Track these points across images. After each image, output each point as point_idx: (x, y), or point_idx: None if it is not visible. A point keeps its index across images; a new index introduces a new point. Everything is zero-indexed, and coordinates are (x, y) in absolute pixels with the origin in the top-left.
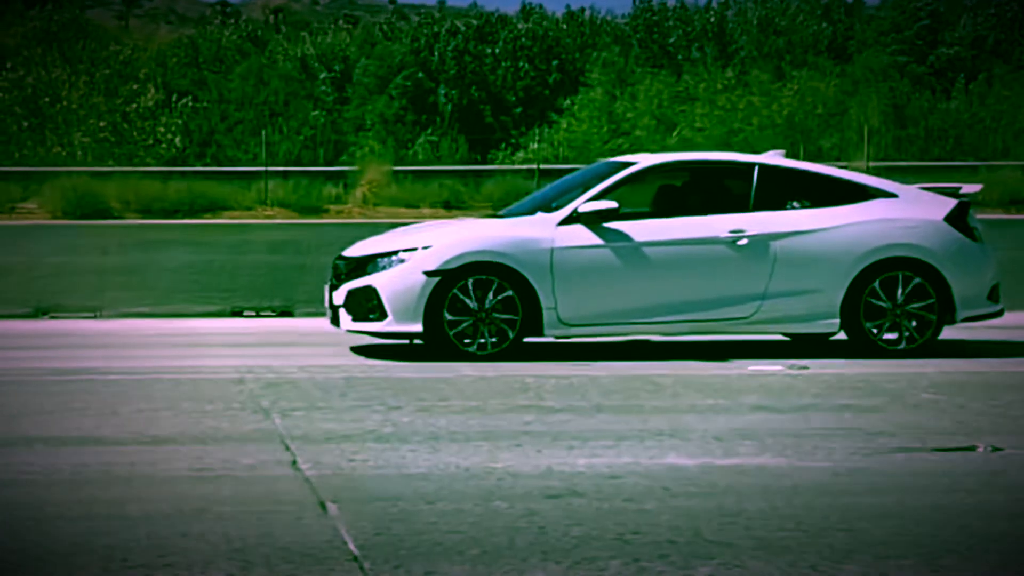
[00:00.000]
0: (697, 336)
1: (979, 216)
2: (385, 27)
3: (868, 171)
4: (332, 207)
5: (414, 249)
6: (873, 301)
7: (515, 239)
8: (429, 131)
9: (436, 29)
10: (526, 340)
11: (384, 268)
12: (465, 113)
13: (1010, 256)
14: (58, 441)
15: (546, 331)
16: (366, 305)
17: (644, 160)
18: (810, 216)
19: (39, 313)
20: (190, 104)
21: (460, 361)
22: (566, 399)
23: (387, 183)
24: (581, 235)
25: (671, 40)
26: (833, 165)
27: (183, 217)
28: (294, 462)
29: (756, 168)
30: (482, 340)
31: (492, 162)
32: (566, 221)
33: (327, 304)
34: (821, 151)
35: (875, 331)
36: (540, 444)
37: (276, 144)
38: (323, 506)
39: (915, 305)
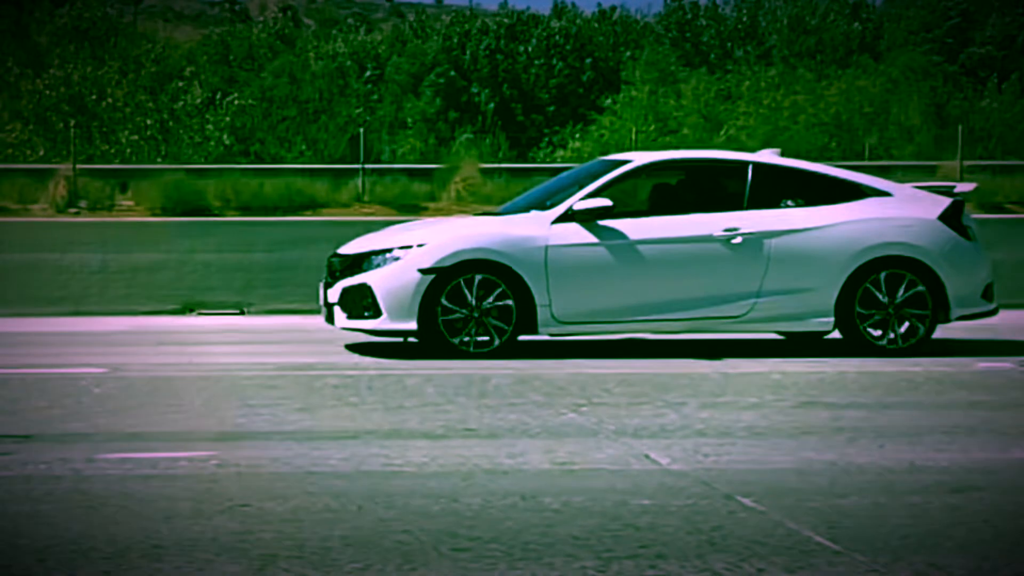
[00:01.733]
0: (691, 335)
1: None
2: (415, 25)
3: (962, 171)
4: (429, 204)
5: (409, 247)
6: (867, 300)
7: (509, 237)
8: (467, 129)
9: (468, 28)
10: (520, 338)
11: (379, 266)
12: (497, 111)
13: None
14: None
15: (540, 329)
16: (361, 303)
17: (639, 158)
18: (804, 215)
19: (187, 310)
20: (236, 102)
21: (454, 359)
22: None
23: (481, 181)
24: (575, 233)
25: (704, 39)
26: (924, 161)
27: (283, 214)
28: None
29: (750, 166)
30: (476, 338)
31: (533, 160)
32: (561, 219)
33: (322, 302)
34: (866, 149)
35: (869, 329)
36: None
37: (323, 142)
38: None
39: (909, 304)
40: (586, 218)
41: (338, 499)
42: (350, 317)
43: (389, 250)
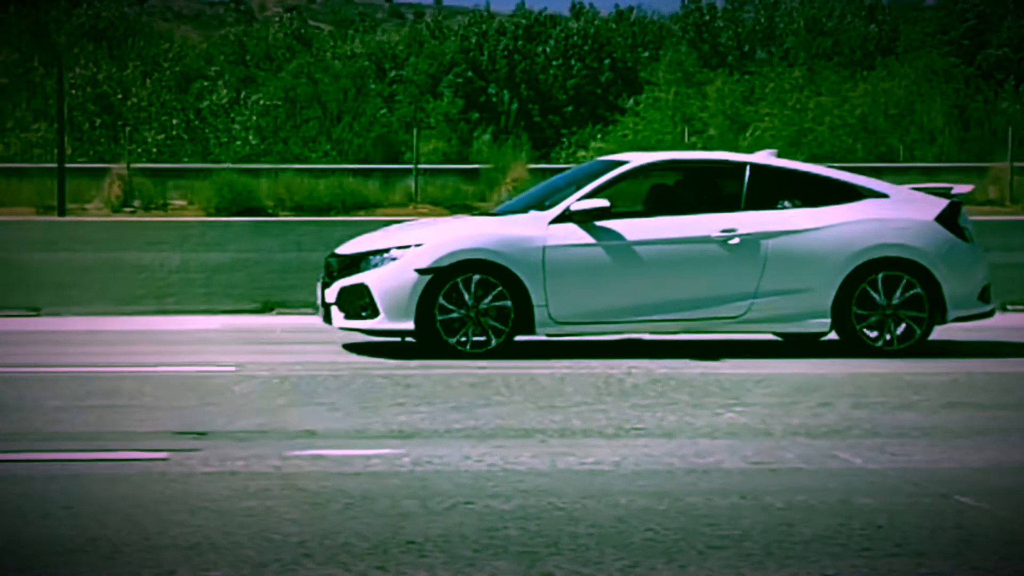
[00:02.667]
0: (688, 336)
1: None
2: (431, 26)
3: (1012, 172)
4: (480, 205)
5: (406, 247)
6: (864, 301)
7: (507, 237)
8: (486, 129)
9: (485, 28)
10: (517, 338)
11: (376, 266)
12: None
13: None
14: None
15: (538, 329)
16: (358, 303)
17: (636, 159)
18: (801, 216)
19: (267, 308)
20: (261, 102)
21: (452, 359)
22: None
23: (532, 181)
24: (573, 233)
25: (722, 40)
26: (974, 163)
27: (337, 214)
28: None
29: (748, 167)
30: (474, 338)
31: (556, 161)
32: (558, 219)
33: (319, 302)
34: (900, 152)
35: (866, 331)
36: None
37: (348, 142)
38: None
39: (906, 305)
40: (584, 219)
41: (560, 497)
42: (347, 317)
43: (387, 250)
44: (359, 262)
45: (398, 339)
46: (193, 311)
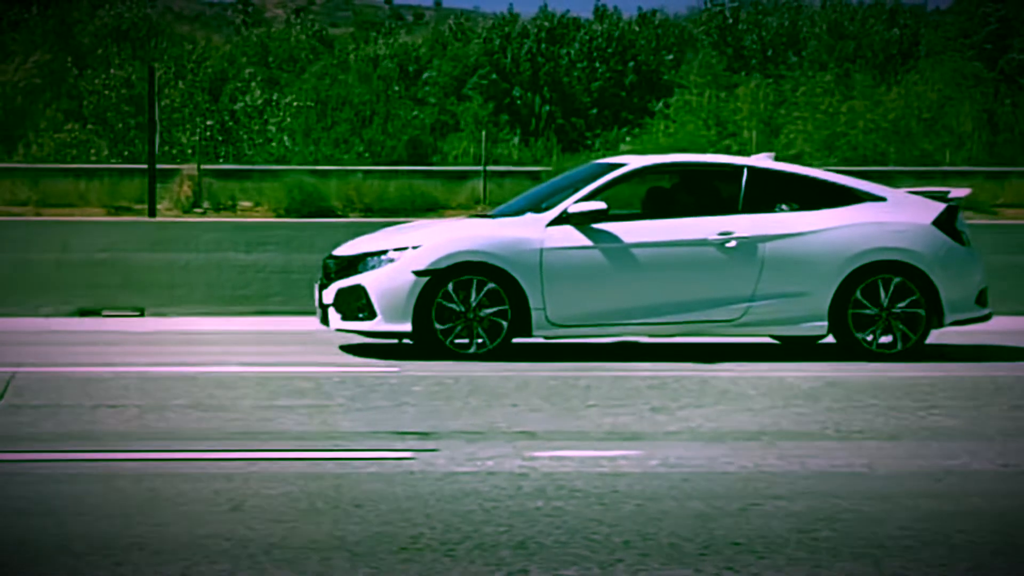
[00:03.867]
0: (686, 338)
1: None
2: (454, 28)
3: None
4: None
5: (404, 248)
6: (861, 304)
7: (504, 239)
8: (511, 131)
9: (508, 31)
10: (514, 340)
11: (373, 267)
12: (540, 113)
13: None
14: None
15: (535, 332)
16: (355, 304)
17: (634, 162)
18: (799, 219)
19: None
20: (294, 103)
21: (450, 361)
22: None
23: None
24: (570, 236)
25: (745, 44)
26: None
27: (407, 216)
28: None
29: (745, 170)
30: (471, 340)
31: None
32: (555, 222)
33: (317, 303)
34: (925, 154)
35: (863, 334)
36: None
37: (380, 143)
38: None
39: (903, 309)
40: (581, 221)
41: (843, 499)
42: (345, 318)
43: (384, 252)
44: (357, 264)
45: (395, 341)
46: (299, 312)
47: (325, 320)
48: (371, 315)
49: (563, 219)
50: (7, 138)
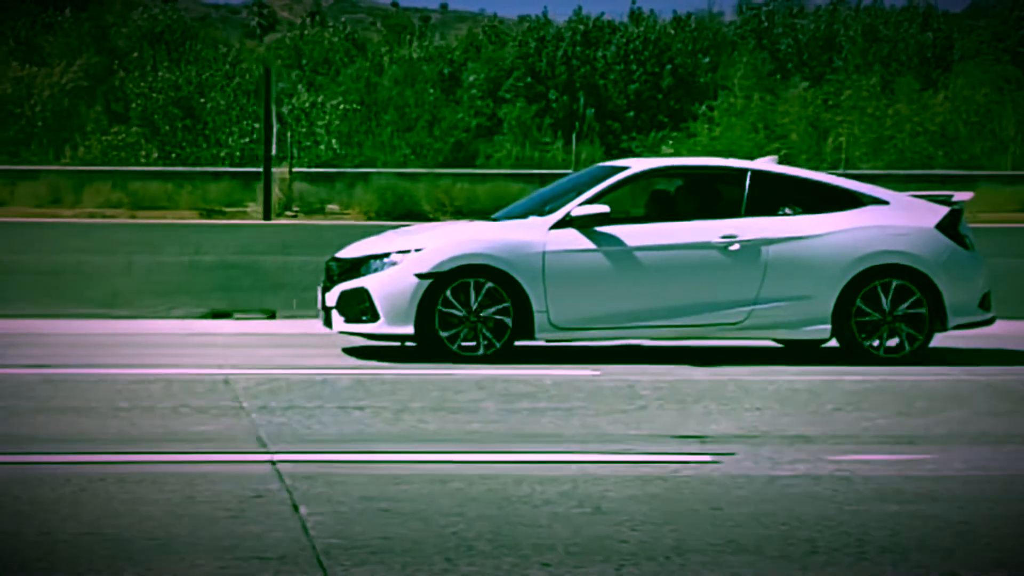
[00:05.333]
0: (688, 341)
1: None
2: (488, 31)
3: None
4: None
5: (407, 251)
6: (864, 308)
7: (507, 242)
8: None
9: (543, 34)
10: (517, 343)
11: (376, 270)
12: (575, 117)
13: None
14: None
15: (537, 334)
16: (358, 307)
17: (637, 165)
18: (802, 222)
19: None
20: (341, 106)
21: (452, 363)
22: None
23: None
24: (573, 239)
25: (781, 47)
26: None
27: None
28: None
29: (748, 174)
30: (473, 343)
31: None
32: (558, 225)
33: (320, 306)
34: (973, 158)
35: (866, 338)
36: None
37: (428, 146)
38: None
39: (906, 312)
40: (584, 224)
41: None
42: (348, 321)
43: (387, 254)
44: (360, 266)
45: (397, 343)
46: None
47: (328, 322)
48: (374, 317)
49: (566, 222)
50: (54, 140)
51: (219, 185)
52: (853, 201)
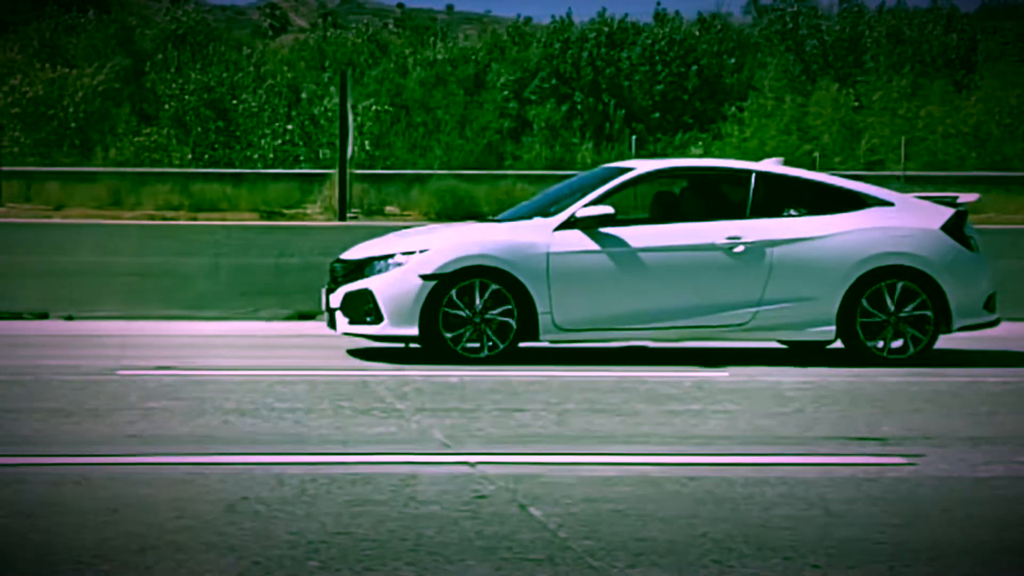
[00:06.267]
0: (693, 343)
1: None
2: (512, 32)
3: None
4: None
5: (411, 252)
6: (869, 309)
7: (511, 244)
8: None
9: (567, 35)
10: (521, 345)
11: (380, 271)
12: (599, 118)
13: None
14: None
15: (542, 336)
16: (362, 308)
17: (641, 166)
18: (806, 224)
19: None
20: (373, 107)
21: (455, 365)
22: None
23: None
24: (578, 240)
25: (807, 49)
26: None
27: None
28: None
29: (753, 175)
30: (477, 344)
31: None
32: (563, 226)
33: (324, 307)
34: (1006, 159)
35: (871, 340)
36: None
37: (459, 147)
38: None
39: (911, 314)
40: (588, 225)
41: None
42: (352, 322)
43: (391, 256)
44: (364, 267)
45: (402, 345)
46: None
47: (332, 324)
48: (378, 319)
49: (571, 223)
50: (85, 142)
51: (277, 186)
52: (858, 202)
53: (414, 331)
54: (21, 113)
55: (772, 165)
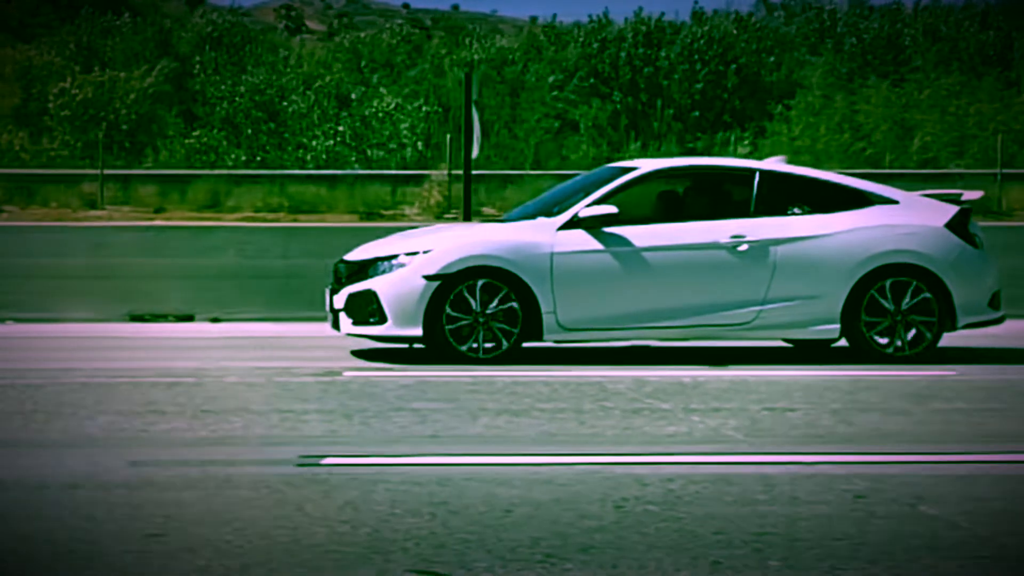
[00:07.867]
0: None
1: None
2: (548, 32)
3: None
4: None
5: (415, 253)
6: (874, 307)
7: (515, 243)
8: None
9: (604, 35)
10: (525, 345)
11: (384, 272)
12: (637, 117)
13: None
14: None
15: (546, 336)
16: (366, 309)
17: (645, 165)
18: (811, 222)
19: None
20: (423, 108)
21: (460, 365)
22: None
23: None
24: (581, 240)
25: (845, 48)
26: None
27: None
28: None
29: (757, 174)
30: (482, 344)
31: None
32: (567, 226)
33: (328, 308)
34: None
35: (875, 337)
36: None
37: (509, 147)
38: None
39: (915, 311)
40: (592, 225)
41: None
42: (356, 323)
43: (395, 256)
44: (367, 268)
45: (406, 345)
46: None
47: (336, 325)
48: (382, 320)
49: (574, 223)
50: (135, 144)
51: (374, 188)
52: (862, 200)
53: (418, 332)
54: (71, 116)
55: (776, 163)
